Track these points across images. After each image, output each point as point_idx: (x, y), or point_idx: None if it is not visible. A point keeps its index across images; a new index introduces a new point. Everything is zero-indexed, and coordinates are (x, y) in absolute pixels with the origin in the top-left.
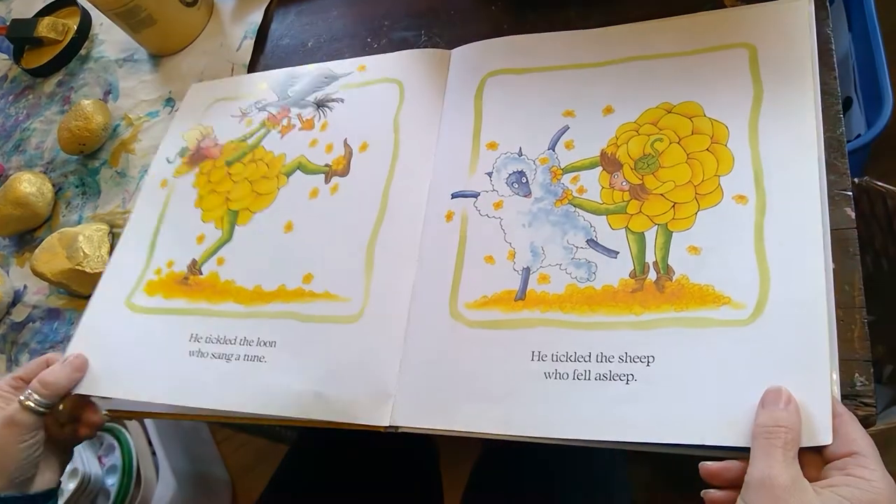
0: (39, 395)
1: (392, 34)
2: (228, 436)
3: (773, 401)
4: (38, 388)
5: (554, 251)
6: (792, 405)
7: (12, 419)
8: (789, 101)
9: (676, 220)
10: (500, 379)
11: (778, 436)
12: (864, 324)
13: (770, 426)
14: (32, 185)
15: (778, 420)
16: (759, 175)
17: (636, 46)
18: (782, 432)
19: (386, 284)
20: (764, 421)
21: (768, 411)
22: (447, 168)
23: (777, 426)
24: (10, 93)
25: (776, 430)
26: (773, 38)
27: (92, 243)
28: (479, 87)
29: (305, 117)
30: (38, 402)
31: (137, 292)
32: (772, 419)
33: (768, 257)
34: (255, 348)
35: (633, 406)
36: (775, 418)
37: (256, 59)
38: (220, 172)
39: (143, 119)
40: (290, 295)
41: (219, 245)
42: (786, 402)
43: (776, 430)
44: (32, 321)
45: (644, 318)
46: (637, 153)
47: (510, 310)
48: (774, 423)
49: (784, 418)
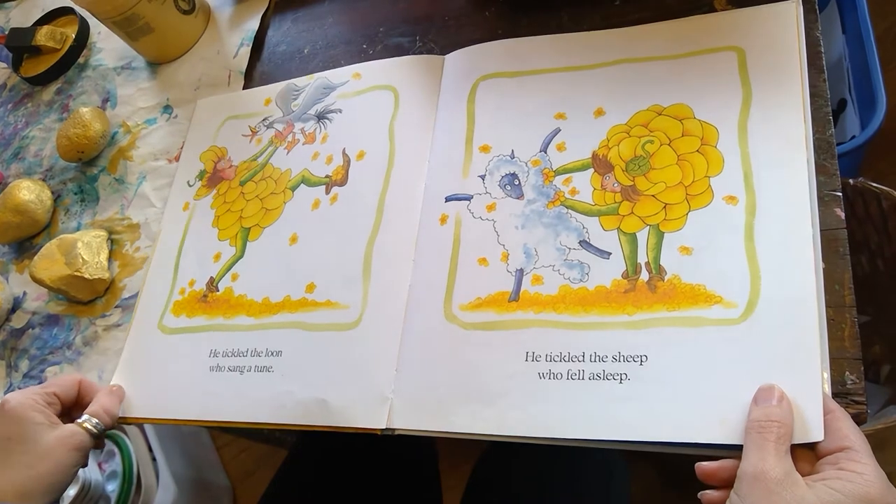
0: (101, 422)
1: (387, 40)
2: (229, 441)
3: (766, 398)
4: (102, 416)
5: (547, 252)
6: (784, 402)
7: (81, 444)
8: (778, 103)
9: (668, 220)
10: (495, 380)
11: (770, 430)
12: (855, 323)
13: (762, 421)
14: (31, 192)
15: (770, 415)
16: (748, 176)
17: (627, 49)
18: (775, 427)
19: (383, 290)
20: (756, 416)
21: (761, 408)
22: (441, 172)
23: (770, 421)
24: (9, 101)
25: (769, 424)
26: (761, 41)
27: (91, 250)
28: (471, 91)
29: (308, 131)
30: (97, 427)
31: (167, 314)
32: (764, 414)
33: (759, 257)
34: (263, 359)
35: (626, 405)
36: (768, 414)
37: (253, 66)
38: (235, 192)
39: (140, 126)
40: (295, 305)
41: (233, 262)
42: (778, 399)
43: (769, 425)
44: (32, 327)
45: (637, 317)
46: (628, 155)
47: (504, 311)
48: (767, 417)
49: (776, 413)
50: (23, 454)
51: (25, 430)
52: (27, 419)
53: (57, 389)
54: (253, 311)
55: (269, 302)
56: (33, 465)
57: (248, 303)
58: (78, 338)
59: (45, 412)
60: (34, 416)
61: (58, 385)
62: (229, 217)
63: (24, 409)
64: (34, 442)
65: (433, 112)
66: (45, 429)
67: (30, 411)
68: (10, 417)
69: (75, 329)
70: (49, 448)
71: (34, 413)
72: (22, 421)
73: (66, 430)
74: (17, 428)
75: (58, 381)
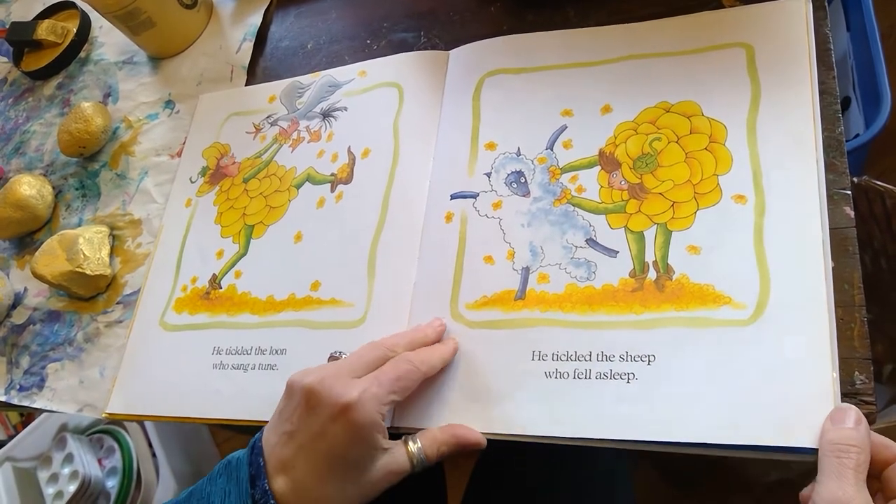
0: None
1: (391, 36)
2: (229, 437)
3: (842, 418)
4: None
5: (553, 251)
6: (863, 425)
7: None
8: (787, 100)
9: (676, 219)
10: (501, 379)
11: (849, 456)
12: (864, 322)
13: (841, 444)
14: (32, 187)
15: (849, 439)
16: (757, 175)
17: (634, 45)
18: (854, 452)
19: (388, 288)
20: (834, 438)
21: (837, 429)
22: (446, 169)
23: (849, 445)
24: (10, 95)
25: (847, 449)
26: (770, 37)
27: (92, 245)
28: (476, 88)
29: (313, 129)
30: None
31: (168, 311)
32: (843, 437)
33: (768, 257)
34: (267, 357)
35: (633, 405)
36: (846, 437)
37: (256, 62)
38: (238, 189)
39: (142, 121)
40: (300, 303)
41: (236, 259)
42: (856, 422)
43: (848, 450)
44: (33, 323)
45: (644, 317)
46: (635, 152)
47: (510, 309)
48: (845, 441)
49: (855, 438)
50: (344, 476)
51: (362, 455)
52: (370, 443)
53: (401, 396)
54: (257, 308)
55: (273, 300)
56: (348, 492)
57: (252, 300)
58: (79, 334)
59: (384, 429)
60: (377, 440)
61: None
62: (232, 214)
63: (370, 430)
64: (364, 470)
65: (438, 109)
66: (379, 455)
67: (375, 433)
68: (355, 432)
69: (76, 325)
70: (372, 481)
71: (378, 436)
72: (365, 442)
73: (397, 460)
74: (356, 449)
75: (403, 384)
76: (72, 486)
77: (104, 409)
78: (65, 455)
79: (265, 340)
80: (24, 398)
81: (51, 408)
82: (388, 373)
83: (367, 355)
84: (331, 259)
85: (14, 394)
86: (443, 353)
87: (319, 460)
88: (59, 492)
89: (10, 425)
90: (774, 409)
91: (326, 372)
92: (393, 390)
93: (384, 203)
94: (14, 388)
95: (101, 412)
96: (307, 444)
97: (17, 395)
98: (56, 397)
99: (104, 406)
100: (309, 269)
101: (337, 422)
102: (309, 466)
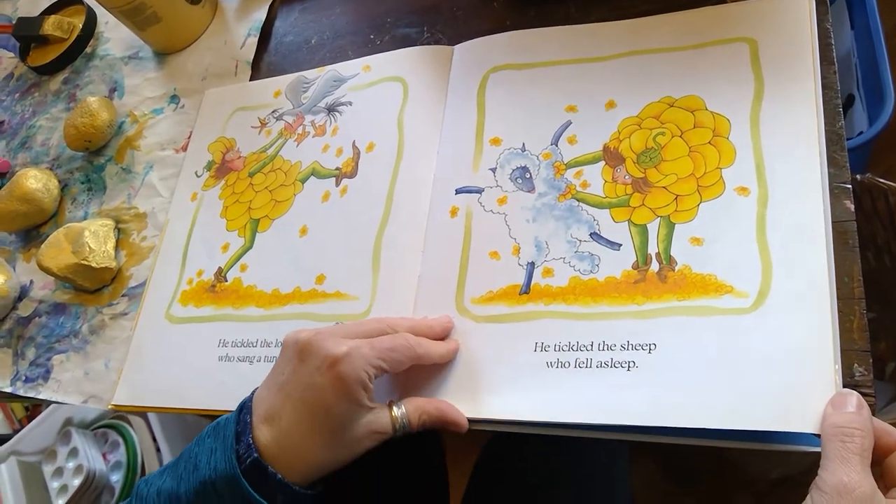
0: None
1: (395, 31)
2: None
3: (843, 403)
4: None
5: (558, 245)
6: (865, 410)
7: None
8: (790, 94)
9: (679, 212)
10: (502, 370)
11: (854, 440)
12: (864, 315)
13: (845, 427)
14: (38, 181)
15: (852, 422)
16: (760, 167)
17: (638, 41)
18: (858, 436)
19: (392, 281)
20: (838, 421)
21: (840, 413)
22: (451, 164)
23: (853, 428)
24: (17, 90)
25: (852, 432)
26: (773, 32)
27: (97, 238)
28: (481, 83)
29: (318, 123)
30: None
31: (174, 304)
32: (846, 421)
33: (770, 248)
34: (272, 349)
35: (634, 391)
36: (849, 420)
37: (260, 57)
38: (244, 183)
39: (148, 116)
40: (305, 296)
41: (242, 252)
42: (858, 406)
43: (852, 433)
44: (39, 316)
45: (646, 307)
46: (639, 147)
47: (515, 304)
48: (849, 424)
49: (858, 421)
50: (328, 430)
51: (346, 410)
52: (354, 398)
53: (391, 367)
54: (263, 301)
55: (278, 293)
56: (330, 446)
57: (257, 293)
58: (84, 326)
59: (370, 388)
60: (361, 397)
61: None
62: (238, 208)
63: (356, 385)
64: (347, 426)
65: (442, 103)
66: (363, 412)
67: (360, 389)
68: (340, 385)
69: (82, 317)
70: (355, 438)
71: (363, 393)
72: (350, 398)
73: (380, 420)
74: (341, 403)
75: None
76: (76, 480)
77: (110, 400)
78: (69, 449)
79: (270, 333)
80: (29, 389)
81: (56, 399)
82: (383, 341)
83: (367, 324)
84: (335, 253)
85: (20, 385)
86: (441, 349)
87: (304, 411)
88: (63, 486)
89: (16, 420)
90: (775, 395)
91: (322, 330)
92: (383, 357)
93: (389, 197)
94: (20, 380)
95: (106, 403)
96: (294, 394)
97: (22, 387)
98: (61, 388)
99: (109, 398)
100: (314, 263)
101: (324, 374)
102: (294, 417)
